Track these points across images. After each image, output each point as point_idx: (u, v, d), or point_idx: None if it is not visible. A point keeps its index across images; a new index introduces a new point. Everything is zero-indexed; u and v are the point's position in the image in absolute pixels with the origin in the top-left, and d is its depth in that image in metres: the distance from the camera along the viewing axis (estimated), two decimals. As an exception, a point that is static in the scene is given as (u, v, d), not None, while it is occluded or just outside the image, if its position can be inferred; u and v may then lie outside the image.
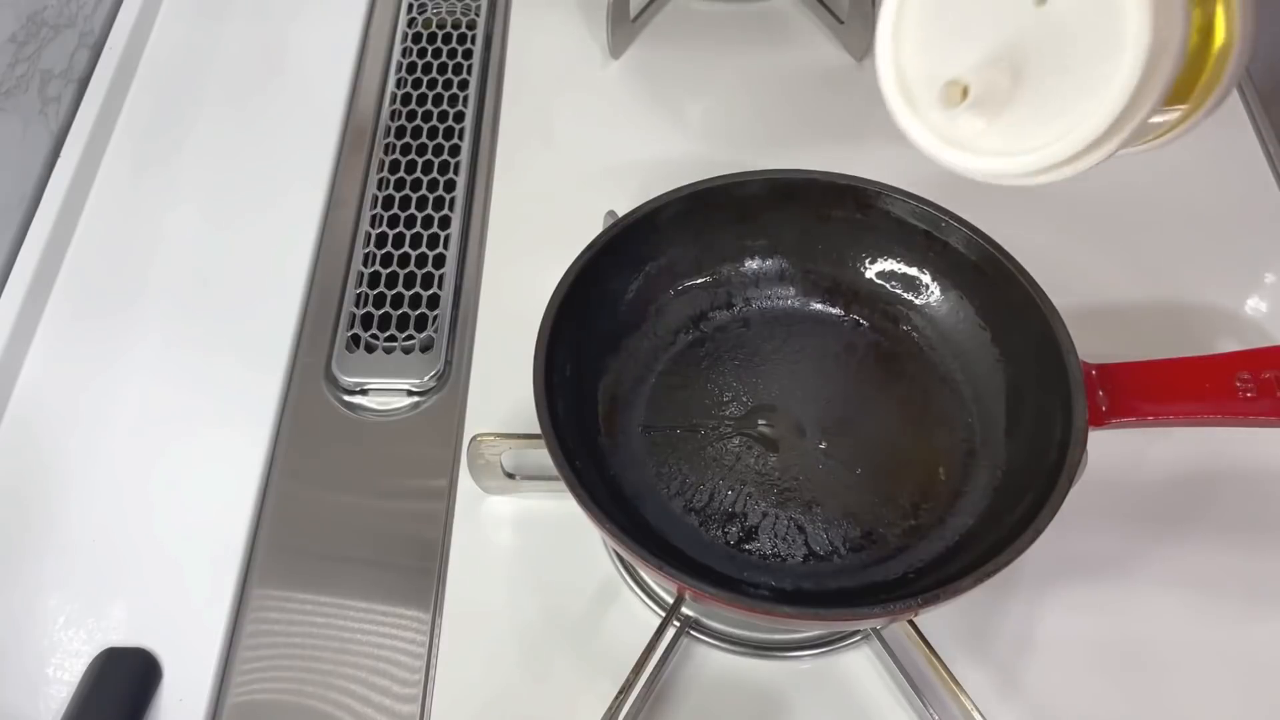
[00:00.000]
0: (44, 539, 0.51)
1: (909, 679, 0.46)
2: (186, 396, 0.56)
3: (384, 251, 0.62)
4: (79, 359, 0.57)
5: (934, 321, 0.53)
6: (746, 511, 0.48)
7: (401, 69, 0.70)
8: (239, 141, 0.66)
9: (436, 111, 0.68)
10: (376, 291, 0.60)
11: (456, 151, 0.66)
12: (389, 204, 0.64)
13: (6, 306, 0.57)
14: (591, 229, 0.50)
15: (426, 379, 0.57)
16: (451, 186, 0.64)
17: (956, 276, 0.52)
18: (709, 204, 0.51)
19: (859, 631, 0.48)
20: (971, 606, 0.49)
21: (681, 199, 0.50)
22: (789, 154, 0.64)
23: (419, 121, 0.68)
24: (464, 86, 0.69)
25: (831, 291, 0.54)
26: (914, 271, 0.53)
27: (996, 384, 0.50)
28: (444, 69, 0.70)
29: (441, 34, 0.73)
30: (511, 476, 0.51)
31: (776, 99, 0.68)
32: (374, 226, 0.63)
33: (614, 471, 0.49)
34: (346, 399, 0.56)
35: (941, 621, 0.47)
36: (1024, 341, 0.48)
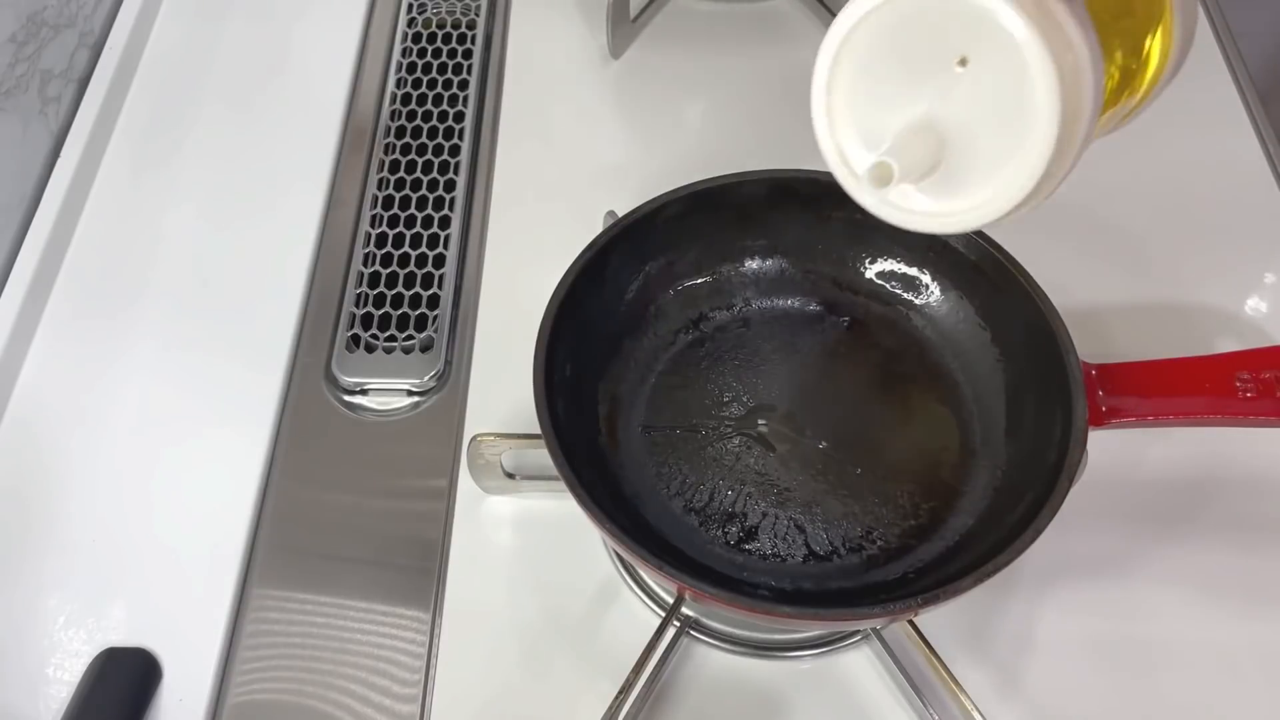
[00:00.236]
0: (44, 539, 0.51)
1: (909, 679, 0.46)
2: (186, 396, 0.56)
3: (384, 251, 0.62)
4: (79, 359, 0.57)
5: (934, 321, 0.53)
6: (746, 511, 0.48)
7: (401, 69, 0.70)
8: (239, 141, 0.66)
9: (436, 111, 0.68)
10: (376, 291, 0.60)
11: (456, 151, 0.66)
12: (389, 204, 0.64)
13: (6, 306, 0.57)
14: (591, 229, 0.50)
15: (426, 379, 0.57)
16: (451, 186, 0.64)
17: (956, 276, 0.52)
18: (709, 204, 0.51)
19: (859, 631, 0.48)
20: (971, 606, 0.49)
21: (681, 199, 0.50)
22: (789, 154, 0.64)
23: (419, 121, 0.68)
24: (464, 86, 0.69)
25: (831, 291, 0.54)
26: (914, 271, 0.53)
27: (996, 384, 0.50)
28: (444, 69, 0.70)
29: (441, 34, 0.73)
30: (511, 476, 0.51)
31: (776, 99, 0.68)
32: (374, 226, 0.63)
33: (614, 471, 0.49)
34: (346, 399, 0.56)
35: (941, 621, 0.47)
36: (1024, 342, 0.48)
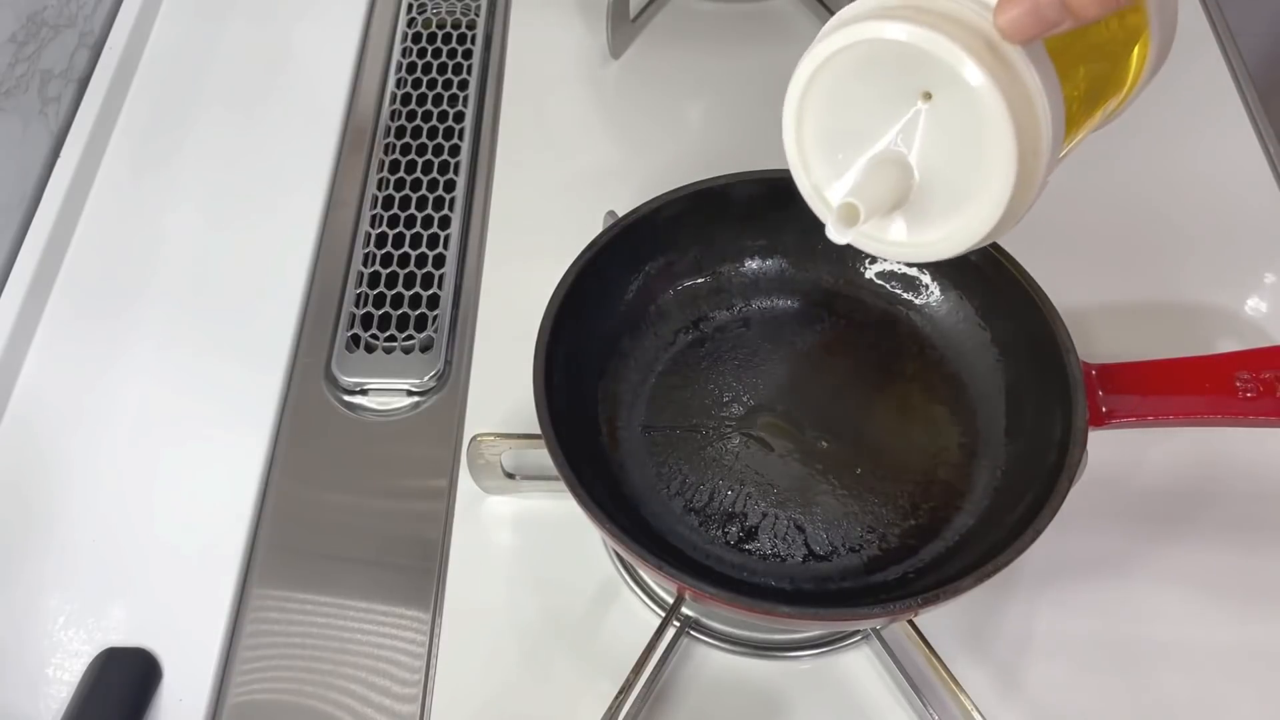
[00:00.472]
0: (44, 539, 0.51)
1: (909, 679, 0.46)
2: (186, 397, 0.56)
3: (384, 251, 0.62)
4: (79, 359, 0.57)
5: (934, 321, 0.53)
6: (746, 511, 0.48)
7: (401, 69, 0.70)
8: (239, 141, 0.66)
9: (436, 111, 0.68)
10: (376, 291, 0.60)
11: (456, 151, 0.66)
12: (389, 204, 0.64)
13: (6, 306, 0.57)
14: (591, 229, 0.50)
15: (426, 379, 0.57)
16: (451, 186, 0.64)
17: (956, 276, 0.52)
18: (709, 204, 0.51)
19: (859, 631, 0.48)
20: (971, 606, 0.49)
21: (681, 199, 0.50)
22: (789, 154, 0.64)
23: (419, 121, 0.68)
24: (464, 86, 0.69)
25: (831, 291, 0.54)
26: (914, 271, 0.53)
27: (996, 384, 0.50)
28: (444, 69, 0.70)
29: (441, 34, 0.73)
30: (511, 476, 0.51)
31: (776, 99, 0.67)
32: (374, 226, 0.63)
33: (614, 471, 0.49)
34: (346, 399, 0.56)
35: (941, 621, 0.47)
36: (1024, 342, 0.48)
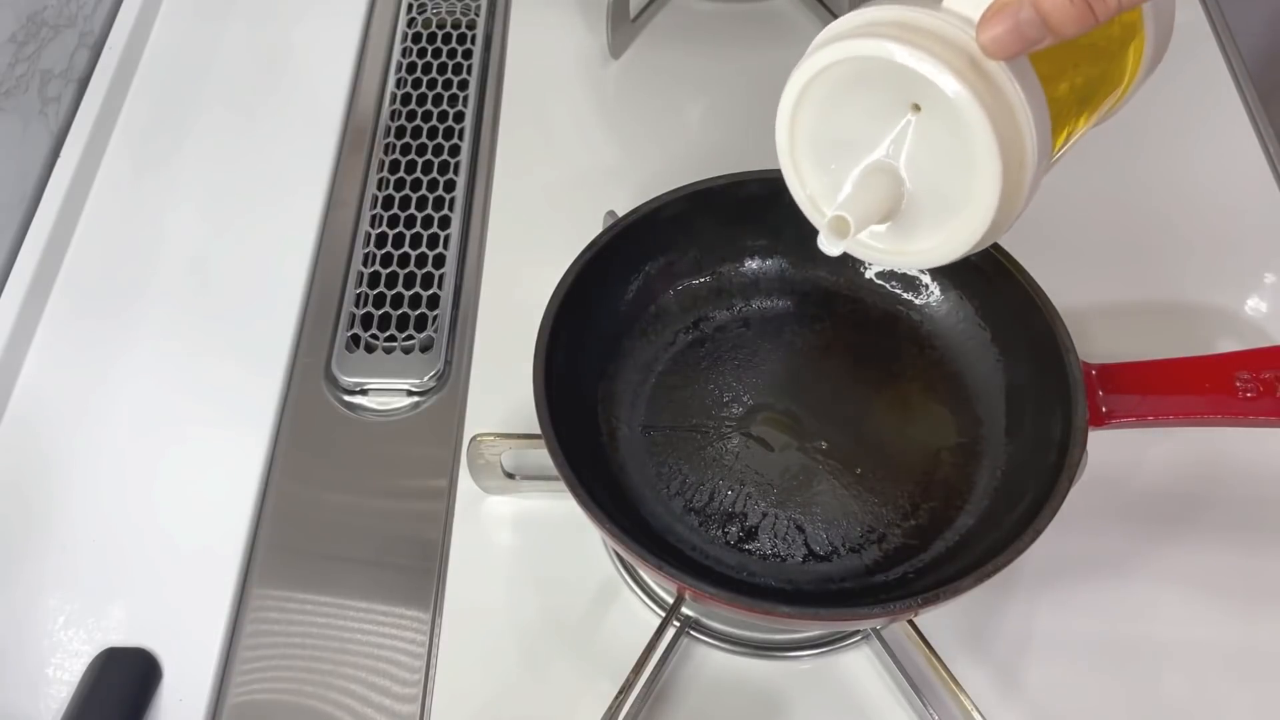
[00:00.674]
0: (44, 539, 0.51)
1: (909, 679, 0.46)
2: (186, 396, 0.56)
3: (384, 251, 0.62)
4: (79, 359, 0.57)
5: (934, 321, 0.53)
6: (746, 511, 0.48)
7: (401, 69, 0.70)
8: (239, 142, 0.66)
9: (436, 111, 0.68)
10: (376, 291, 0.60)
11: (456, 151, 0.66)
12: (389, 204, 0.64)
13: (6, 306, 0.57)
14: (591, 229, 0.50)
15: (426, 379, 0.57)
16: (451, 186, 0.64)
17: (956, 276, 0.52)
18: (709, 204, 0.51)
19: (859, 631, 0.48)
20: (971, 606, 0.49)
21: (681, 199, 0.50)
22: (789, 154, 0.64)
23: (419, 121, 0.68)
24: (464, 86, 0.69)
25: (831, 291, 0.54)
26: (914, 271, 0.53)
27: (996, 384, 0.50)
28: (444, 69, 0.70)
29: (441, 34, 0.73)
30: (511, 476, 0.51)
31: (776, 99, 0.68)
32: (374, 226, 0.63)
33: (614, 471, 0.49)
34: (346, 399, 0.56)
35: (941, 621, 0.47)
36: (1024, 341, 0.48)
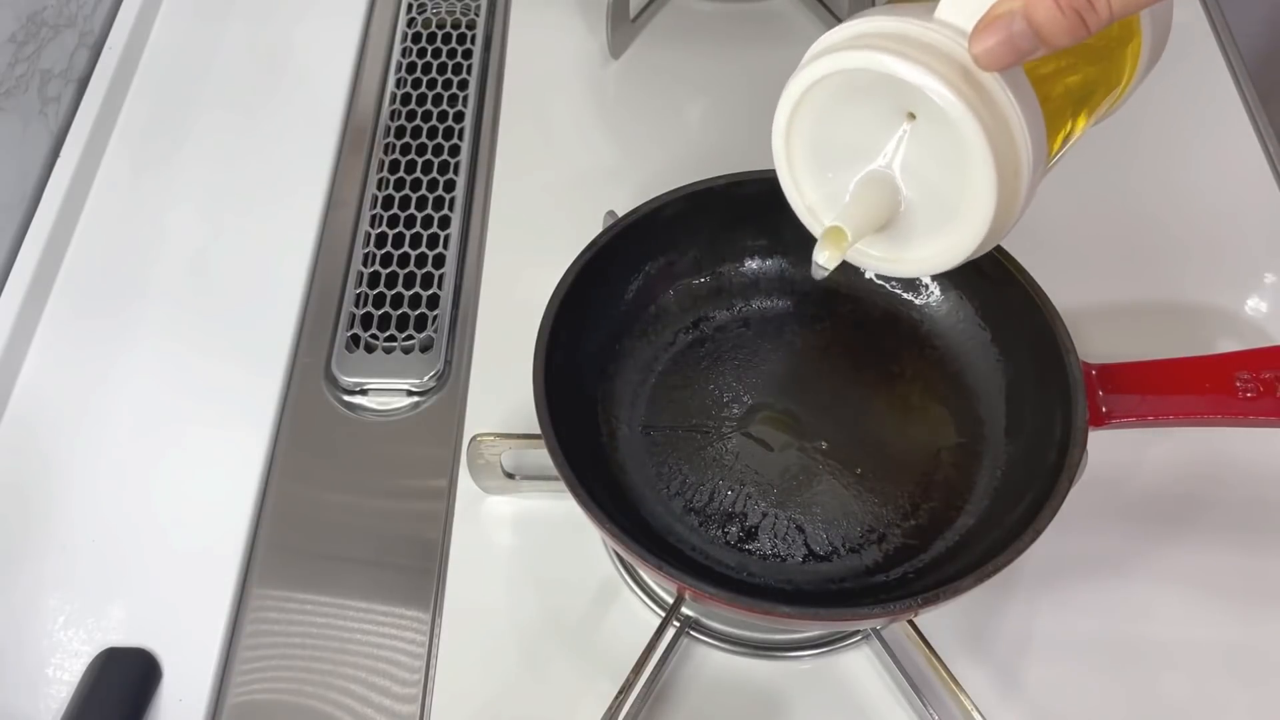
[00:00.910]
0: (44, 539, 0.51)
1: (909, 679, 0.46)
2: (186, 396, 0.56)
3: (384, 251, 0.62)
4: (79, 359, 0.57)
5: (934, 321, 0.53)
6: (746, 511, 0.48)
7: (401, 69, 0.70)
8: (239, 141, 0.66)
9: (436, 111, 0.68)
10: (376, 291, 0.60)
11: (456, 151, 0.66)
12: (389, 204, 0.64)
13: (6, 306, 0.57)
14: (591, 229, 0.50)
15: (426, 379, 0.57)
16: (451, 186, 0.64)
17: (956, 276, 0.52)
18: (709, 204, 0.51)
19: (859, 631, 0.48)
20: (971, 606, 0.49)
21: (681, 199, 0.50)
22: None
23: (419, 121, 0.68)
24: (464, 86, 0.69)
25: (831, 292, 0.54)
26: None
27: (996, 384, 0.50)
28: (444, 69, 0.70)
29: (441, 34, 0.73)
30: (511, 476, 0.51)
31: (776, 99, 0.68)
32: (374, 226, 0.63)
33: (614, 471, 0.49)
34: (346, 399, 0.56)
35: (941, 621, 0.47)
36: (1024, 341, 0.48)
